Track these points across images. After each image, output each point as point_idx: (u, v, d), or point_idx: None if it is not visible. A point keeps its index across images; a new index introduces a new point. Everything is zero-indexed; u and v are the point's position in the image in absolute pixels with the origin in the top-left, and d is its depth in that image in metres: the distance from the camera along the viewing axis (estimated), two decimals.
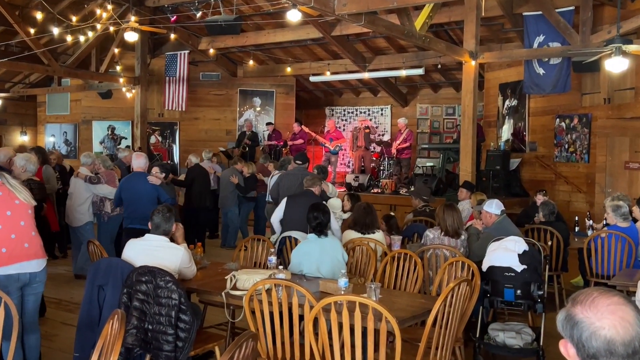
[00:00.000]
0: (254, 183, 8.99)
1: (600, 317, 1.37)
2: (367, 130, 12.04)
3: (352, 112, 15.11)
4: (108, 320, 2.49)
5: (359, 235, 5.25)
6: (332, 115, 15.32)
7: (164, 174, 6.35)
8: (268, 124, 13.48)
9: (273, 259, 4.42)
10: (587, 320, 1.38)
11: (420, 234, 5.69)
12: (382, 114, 14.71)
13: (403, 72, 11.55)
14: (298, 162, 7.30)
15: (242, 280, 3.83)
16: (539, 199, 7.28)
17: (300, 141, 12.65)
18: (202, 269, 4.54)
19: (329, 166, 12.25)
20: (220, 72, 13.96)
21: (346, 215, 6.30)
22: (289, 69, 12.82)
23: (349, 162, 14.54)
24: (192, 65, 13.49)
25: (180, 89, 13.12)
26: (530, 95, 10.51)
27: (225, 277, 3.93)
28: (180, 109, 13.29)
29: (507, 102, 11.29)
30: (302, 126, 12.84)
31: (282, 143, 12.76)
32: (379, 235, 5.34)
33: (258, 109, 14.11)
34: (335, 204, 6.44)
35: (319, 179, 6.34)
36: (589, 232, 6.68)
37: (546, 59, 9.35)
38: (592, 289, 1.45)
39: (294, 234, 5.27)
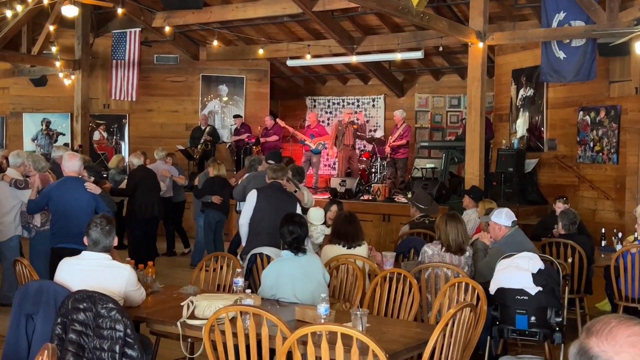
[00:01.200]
0: (217, 187, 8.96)
1: (619, 350, 1.36)
2: (355, 127, 12.14)
3: (338, 103, 15.22)
4: (37, 356, 2.47)
5: (343, 250, 5.31)
6: (314, 106, 15.40)
7: (92, 178, 6.24)
8: (236, 116, 13.52)
9: (240, 280, 4.44)
10: (604, 355, 1.37)
11: (418, 250, 5.74)
12: (374, 106, 14.84)
13: (398, 56, 11.66)
14: (270, 162, 7.36)
15: (202, 307, 3.84)
16: (559, 207, 7.38)
17: (274, 138, 12.71)
18: (154, 293, 4.53)
19: (310, 168, 12.33)
20: (178, 55, 13.98)
21: (329, 230, 6.37)
22: (261, 51, 12.85)
23: (334, 164, 14.63)
24: (144, 46, 13.48)
25: (129, 75, 13.09)
26: (549, 83, 10.65)
27: (182, 304, 3.94)
28: (129, 99, 13.26)
29: (521, 92, 11.44)
30: (277, 120, 12.90)
31: (253, 140, 12.79)
32: (363, 248, 5.40)
33: (225, 99, 14.14)
34: (316, 215, 6.49)
35: (287, 170, 6.42)
36: (618, 247, 6.77)
37: (567, 41, 9.47)
38: (610, 317, 1.45)
39: (266, 250, 5.29)
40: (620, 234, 7.08)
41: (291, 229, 4.47)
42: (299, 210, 5.82)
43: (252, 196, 5.96)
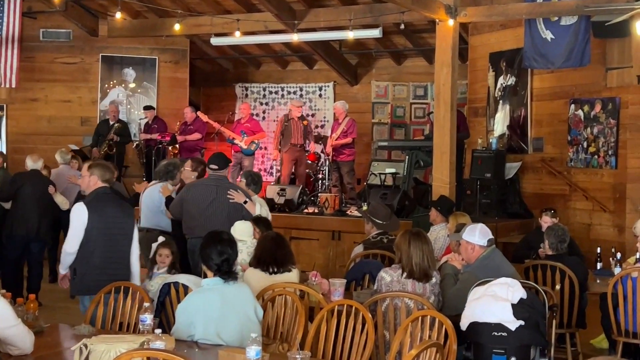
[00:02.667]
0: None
1: None
2: (305, 123, 12.18)
3: (276, 92, 15.23)
4: None
5: (267, 275, 5.40)
6: (246, 96, 15.33)
7: None
8: (146, 108, 13.37)
9: (148, 318, 4.36)
10: None
11: (374, 276, 5.72)
12: (320, 96, 14.85)
13: (350, 34, 11.67)
14: (213, 166, 7.44)
15: (99, 352, 3.77)
16: (546, 221, 7.46)
17: (196, 135, 12.61)
18: (37, 334, 4.37)
19: (240, 173, 12.18)
20: (71, 30, 13.74)
21: None
22: (178, 27, 12.62)
23: (271, 168, 14.55)
24: (27, 18, 13.21)
25: (7, 55, 12.77)
26: (534, 70, 10.88)
27: (72, 348, 3.86)
28: (7, 85, 12.96)
29: (500, 81, 11.66)
30: (199, 113, 12.79)
31: (168, 138, 12.68)
32: (293, 274, 5.46)
33: (132, 85, 14.00)
34: (243, 229, 6.48)
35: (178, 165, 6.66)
36: (617, 271, 6.76)
37: (556, 18, 9.66)
38: (608, 359, 1.46)
39: (182, 278, 5.22)
40: (619, 255, 7.12)
41: (220, 249, 4.46)
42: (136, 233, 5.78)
43: (80, 213, 5.60)
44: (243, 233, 6.38)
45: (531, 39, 9.91)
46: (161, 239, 6.47)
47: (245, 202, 7.22)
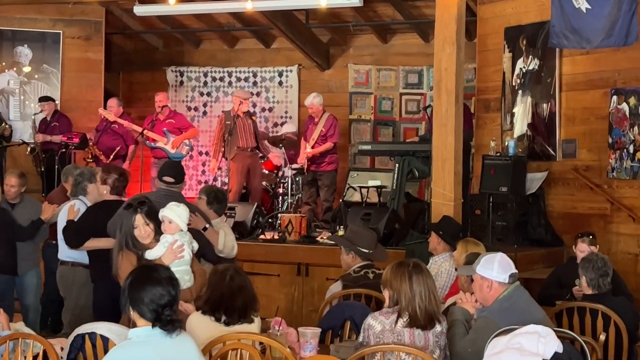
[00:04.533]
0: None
1: None
2: (255, 118, 12.19)
3: (222, 79, 15.26)
4: None
5: (220, 326, 5.35)
6: (181, 84, 15.39)
7: None
8: (43, 99, 13.26)
9: None
10: None
11: (358, 324, 5.73)
12: (281, 83, 14.87)
13: (322, 2, 11.66)
14: (167, 178, 7.47)
15: None
16: (581, 250, 7.50)
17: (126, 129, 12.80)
18: None
19: None
20: None
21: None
22: None
23: (214, 180, 14.41)
24: None
25: None
26: (564, 51, 10.86)
27: None
28: None
29: (520, 64, 11.60)
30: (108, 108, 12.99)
31: (76, 139, 12.63)
32: (255, 324, 5.45)
33: (27, 69, 13.94)
34: (181, 214, 6.34)
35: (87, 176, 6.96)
36: None
37: None
38: None
39: (100, 328, 5.15)
40: None
41: (161, 292, 4.37)
42: None
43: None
44: (182, 218, 6.26)
45: (560, 9, 9.82)
46: None
47: (205, 228, 7.19)
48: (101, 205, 7.65)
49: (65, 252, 8.04)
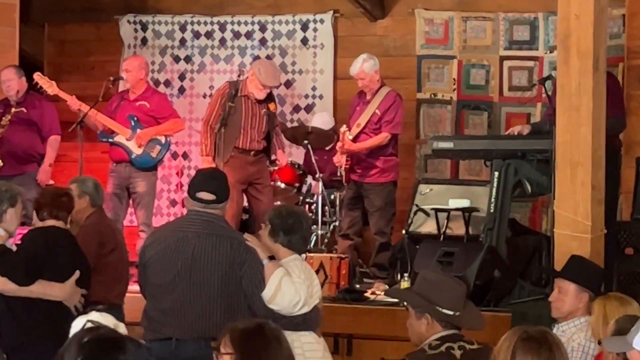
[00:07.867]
0: None
1: None
2: (273, 108, 10.53)
3: (210, 35, 12.80)
4: None
5: None
6: (144, 42, 13.01)
7: None
8: None
9: None
10: None
11: None
12: (305, 41, 12.51)
13: None
14: (206, 195, 6.87)
15: None
16: None
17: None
18: None
19: (132, 201, 10.95)
20: None
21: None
22: None
23: None
24: None
25: None
26: None
27: None
28: None
29: None
30: (36, 76, 10.88)
31: None
32: None
33: None
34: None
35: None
36: None
37: None
38: None
39: None
40: None
41: None
42: None
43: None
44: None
45: None
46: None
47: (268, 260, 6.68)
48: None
49: None
